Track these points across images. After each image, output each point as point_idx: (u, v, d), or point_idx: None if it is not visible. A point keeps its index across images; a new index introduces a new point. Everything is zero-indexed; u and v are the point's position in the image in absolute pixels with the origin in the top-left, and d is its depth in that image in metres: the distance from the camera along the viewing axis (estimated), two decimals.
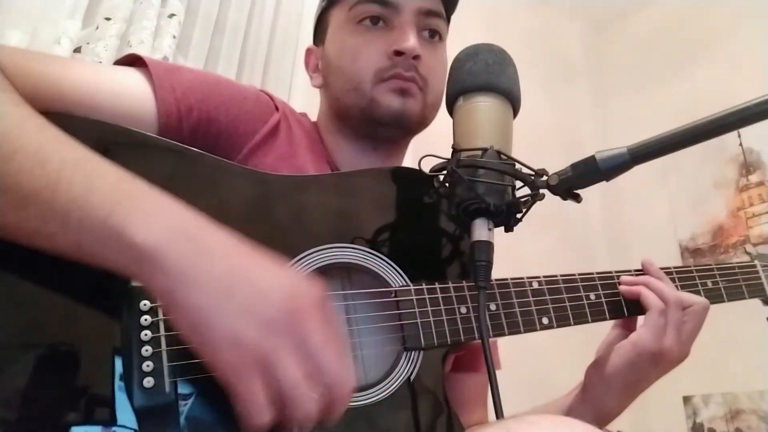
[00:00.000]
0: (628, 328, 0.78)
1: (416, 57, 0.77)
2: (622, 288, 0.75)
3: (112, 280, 0.52)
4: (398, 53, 0.77)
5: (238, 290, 0.45)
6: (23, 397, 0.46)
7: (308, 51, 0.91)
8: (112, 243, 0.45)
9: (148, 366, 0.49)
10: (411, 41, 0.77)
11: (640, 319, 0.76)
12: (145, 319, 0.50)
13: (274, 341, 0.44)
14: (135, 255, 0.45)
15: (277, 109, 0.78)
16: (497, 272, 0.64)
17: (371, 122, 0.80)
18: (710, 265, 0.84)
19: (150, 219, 0.46)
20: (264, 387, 0.44)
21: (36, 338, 0.49)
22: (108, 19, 1.27)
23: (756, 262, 0.88)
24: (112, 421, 0.48)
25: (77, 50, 1.25)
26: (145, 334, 0.50)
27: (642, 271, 0.78)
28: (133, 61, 0.69)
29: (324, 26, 0.87)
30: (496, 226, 0.63)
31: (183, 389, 0.51)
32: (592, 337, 0.82)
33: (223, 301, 0.45)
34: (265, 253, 0.49)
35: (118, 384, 0.49)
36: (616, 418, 0.77)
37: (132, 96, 0.64)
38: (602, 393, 0.75)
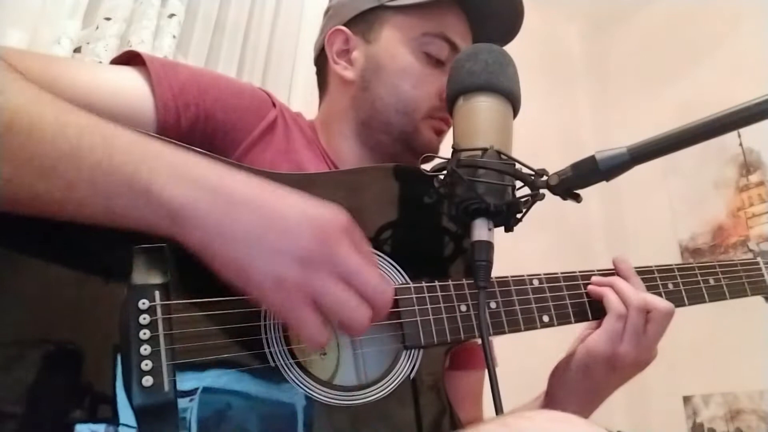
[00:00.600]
0: (595, 329, 0.75)
1: None
2: (590, 288, 0.73)
3: (110, 279, 0.52)
4: None
5: (269, 233, 0.48)
6: (23, 395, 0.46)
7: (339, 32, 0.84)
8: (141, 202, 0.47)
9: (146, 365, 0.49)
10: None
11: None
12: (144, 318, 0.50)
13: (313, 272, 0.48)
14: (165, 214, 0.47)
15: (274, 105, 0.78)
16: (497, 272, 0.65)
17: (405, 146, 0.81)
18: (712, 262, 0.83)
19: (173, 175, 0.48)
20: (315, 312, 0.48)
21: (34, 336, 0.49)
22: (108, 19, 1.27)
23: (759, 258, 0.87)
24: (111, 419, 0.48)
25: (77, 50, 1.25)
26: (144, 333, 0.50)
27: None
28: (130, 57, 0.69)
29: (375, 23, 0.82)
30: (496, 226, 0.63)
31: (182, 388, 0.51)
32: None
33: (257, 247, 0.48)
34: (285, 187, 0.52)
35: (117, 383, 0.49)
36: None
37: (130, 93, 0.65)
38: (562, 399, 0.74)
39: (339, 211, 0.52)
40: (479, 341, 0.65)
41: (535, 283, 0.70)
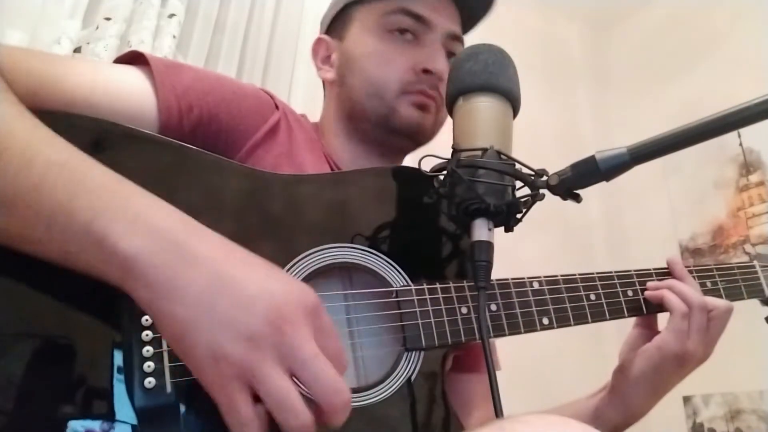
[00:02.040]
0: (649, 327, 0.79)
1: (441, 78, 0.79)
2: (647, 293, 0.77)
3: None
4: (427, 71, 0.80)
5: (220, 302, 0.43)
6: (22, 395, 0.46)
7: (320, 40, 0.90)
8: (95, 251, 0.44)
9: (149, 366, 0.49)
10: (442, 63, 0.80)
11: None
12: (146, 320, 0.50)
13: (257, 354, 0.42)
14: (117, 264, 0.44)
15: (277, 107, 0.78)
16: (497, 272, 0.64)
17: (386, 130, 0.81)
18: (709, 265, 0.84)
19: (134, 225, 0.45)
20: (249, 401, 0.43)
21: (35, 337, 0.48)
22: (108, 19, 1.27)
23: (755, 262, 0.88)
24: (112, 420, 0.48)
25: (77, 50, 1.25)
26: (146, 335, 0.50)
27: (667, 270, 0.80)
28: (134, 57, 0.69)
29: (346, 21, 0.87)
30: (496, 226, 0.63)
31: (184, 390, 0.51)
32: (593, 339, 0.82)
33: (204, 314, 0.43)
34: (259, 255, 0.48)
35: (120, 384, 0.49)
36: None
37: (132, 94, 0.64)
38: (630, 395, 0.76)
39: (308, 292, 0.47)
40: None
41: (535, 285, 0.70)
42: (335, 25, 0.89)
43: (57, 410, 0.47)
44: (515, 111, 0.68)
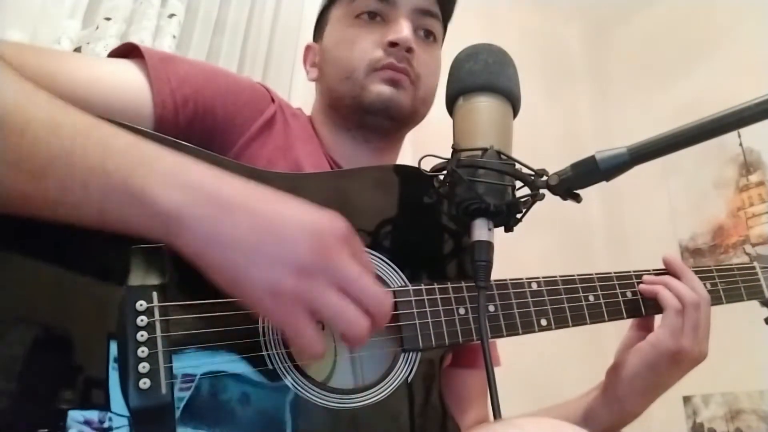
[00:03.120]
0: (646, 329, 0.78)
1: (410, 50, 0.80)
2: (642, 287, 0.76)
3: (107, 280, 0.52)
4: (392, 44, 0.79)
5: (265, 241, 0.47)
6: (16, 395, 0.46)
7: (308, 48, 0.93)
8: (134, 208, 0.46)
9: (144, 367, 0.49)
10: (405, 32, 0.79)
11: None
12: (141, 320, 0.50)
13: (310, 282, 0.47)
14: (159, 219, 0.46)
15: (273, 100, 0.78)
16: (497, 272, 0.64)
17: (360, 110, 0.81)
18: (709, 266, 0.84)
19: (167, 180, 0.47)
20: (311, 323, 0.47)
21: (30, 336, 0.48)
22: (108, 19, 1.27)
23: (755, 263, 0.88)
24: (107, 421, 0.48)
25: (77, 50, 1.25)
26: (141, 335, 0.50)
27: (664, 270, 0.79)
28: (129, 50, 0.69)
29: (323, 23, 0.89)
30: (496, 226, 0.63)
31: (179, 390, 0.51)
32: (593, 338, 0.82)
33: (253, 255, 0.46)
34: (284, 193, 0.51)
35: (114, 384, 0.49)
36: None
37: (127, 88, 0.64)
38: (623, 394, 0.75)
39: (337, 219, 0.51)
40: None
41: (534, 286, 0.70)
42: (317, 30, 0.92)
43: (56, 414, 0.47)
44: (515, 111, 0.68)
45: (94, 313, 0.51)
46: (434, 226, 0.71)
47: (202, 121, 0.68)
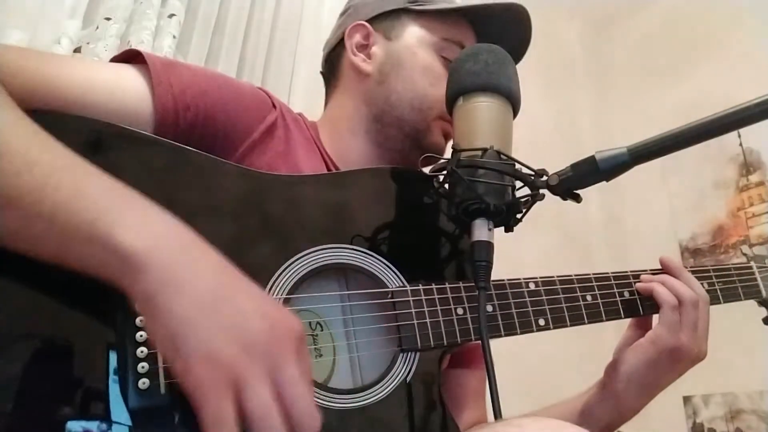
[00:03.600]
0: (644, 328, 0.78)
1: None
2: (639, 285, 0.77)
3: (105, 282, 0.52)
4: None
5: (222, 307, 0.45)
6: (17, 396, 0.46)
7: (361, 26, 0.86)
8: (97, 246, 0.45)
9: (143, 367, 0.49)
10: None
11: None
12: (140, 321, 0.50)
13: (250, 363, 0.43)
14: (120, 258, 0.44)
15: (274, 106, 0.78)
16: (497, 272, 0.64)
17: (414, 144, 0.82)
18: (706, 266, 0.84)
19: (139, 226, 0.46)
20: (231, 405, 0.42)
21: (29, 337, 0.48)
22: (108, 19, 1.27)
23: (752, 263, 0.88)
24: (106, 421, 0.48)
25: (77, 50, 1.25)
26: (140, 336, 0.50)
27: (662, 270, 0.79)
28: (131, 56, 0.69)
29: (397, 24, 0.85)
30: (496, 226, 0.63)
31: (178, 391, 0.50)
32: (593, 338, 0.82)
33: (205, 315, 0.44)
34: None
35: (113, 385, 0.49)
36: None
37: (128, 92, 0.64)
38: (622, 392, 0.75)
39: (296, 319, 0.48)
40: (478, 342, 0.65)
41: (532, 286, 0.70)
42: (383, 20, 0.86)
43: (53, 411, 0.47)
44: (515, 111, 0.68)
45: (93, 315, 0.51)
46: (433, 227, 0.71)
47: (203, 127, 0.67)
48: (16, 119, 0.49)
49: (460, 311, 0.65)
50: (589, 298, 0.73)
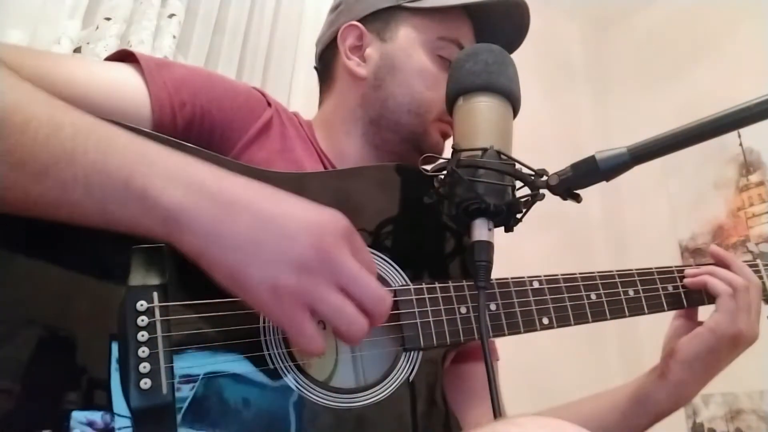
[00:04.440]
0: (690, 318, 0.82)
1: None
2: (688, 280, 0.79)
3: (108, 280, 0.52)
4: None
5: (266, 238, 0.47)
6: (18, 394, 0.46)
7: (354, 28, 0.83)
8: (136, 207, 0.47)
9: (144, 367, 0.49)
10: None
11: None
12: (142, 320, 0.50)
13: (310, 279, 0.47)
14: (161, 218, 0.47)
15: (269, 105, 0.78)
16: (497, 272, 0.64)
17: (412, 147, 0.82)
18: (712, 263, 0.83)
19: (169, 179, 0.48)
20: (311, 321, 0.48)
21: (30, 336, 0.48)
22: (108, 19, 1.27)
23: (758, 261, 0.88)
24: (108, 422, 0.48)
25: (77, 50, 1.25)
26: (142, 335, 0.50)
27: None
28: (125, 56, 0.69)
29: (391, 23, 0.83)
30: (496, 226, 0.63)
31: (180, 390, 0.51)
32: (593, 339, 0.81)
33: (254, 253, 0.47)
34: (284, 191, 0.52)
35: (115, 385, 0.49)
36: None
37: (125, 91, 0.64)
38: (684, 378, 0.79)
39: (339, 216, 0.51)
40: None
41: (535, 284, 0.70)
42: (375, 19, 0.83)
43: (57, 414, 0.47)
44: (515, 111, 0.68)
45: (95, 314, 0.51)
46: (435, 225, 0.71)
47: (200, 125, 0.68)
48: (33, 88, 0.49)
49: (463, 310, 0.65)
50: (593, 296, 0.73)
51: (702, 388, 0.81)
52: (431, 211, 0.71)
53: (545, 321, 0.69)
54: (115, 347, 0.50)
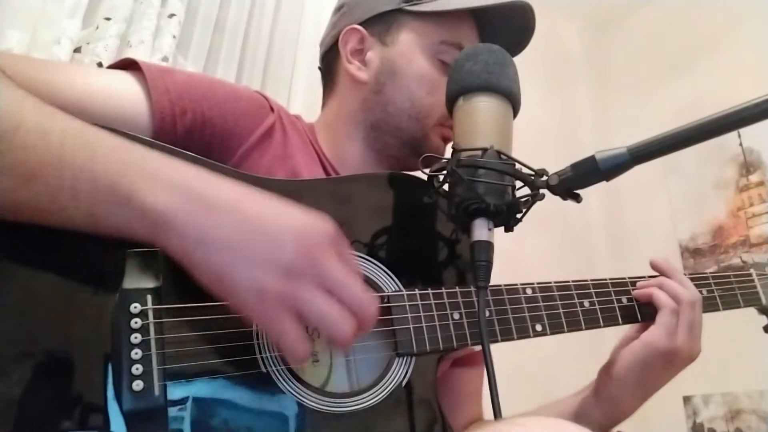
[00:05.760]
0: (642, 331, 0.77)
1: None
2: (636, 292, 0.76)
3: (102, 282, 0.52)
4: None
5: (251, 241, 0.47)
6: (12, 398, 0.46)
7: (355, 31, 0.83)
8: (123, 210, 0.47)
9: (137, 369, 0.49)
10: None
11: None
12: (135, 322, 0.50)
13: (296, 283, 0.47)
14: (147, 220, 0.47)
15: (272, 110, 0.77)
16: (497, 272, 0.64)
17: (412, 152, 0.81)
18: (705, 273, 0.84)
19: (155, 181, 0.48)
20: (296, 325, 0.47)
21: (24, 338, 0.48)
22: (108, 19, 1.27)
23: (752, 270, 0.88)
24: (100, 423, 0.48)
25: (77, 50, 1.25)
26: (135, 337, 0.49)
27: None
28: (127, 65, 0.69)
29: (392, 26, 0.82)
30: (496, 226, 0.63)
31: (173, 392, 0.50)
32: (593, 339, 0.81)
33: (239, 255, 0.47)
34: (271, 195, 0.51)
35: (107, 387, 0.49)
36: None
37: (125, 98, 0.64)
38: (615, 393, 0.75)
39: (325, 221, 0.51)
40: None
41: (528, 292, 0.70)
42: (376, 22, 0.83)
43: (49, 417, 0.47)
44: (515, 111, 0.68)
45: (89, 316, 0.50)
46: (430, 233, 0.71)
47: (201, 132, 0.67)
48: (25, 94, 0.49)
49: (456, 316, 0.65)
50: (586, 304, 0.72)
51: (639, 404, 0.76)
52: (425, 218, 0.71)
53: (538, 328, 0.69)
54: (108, 349, 0.50)
